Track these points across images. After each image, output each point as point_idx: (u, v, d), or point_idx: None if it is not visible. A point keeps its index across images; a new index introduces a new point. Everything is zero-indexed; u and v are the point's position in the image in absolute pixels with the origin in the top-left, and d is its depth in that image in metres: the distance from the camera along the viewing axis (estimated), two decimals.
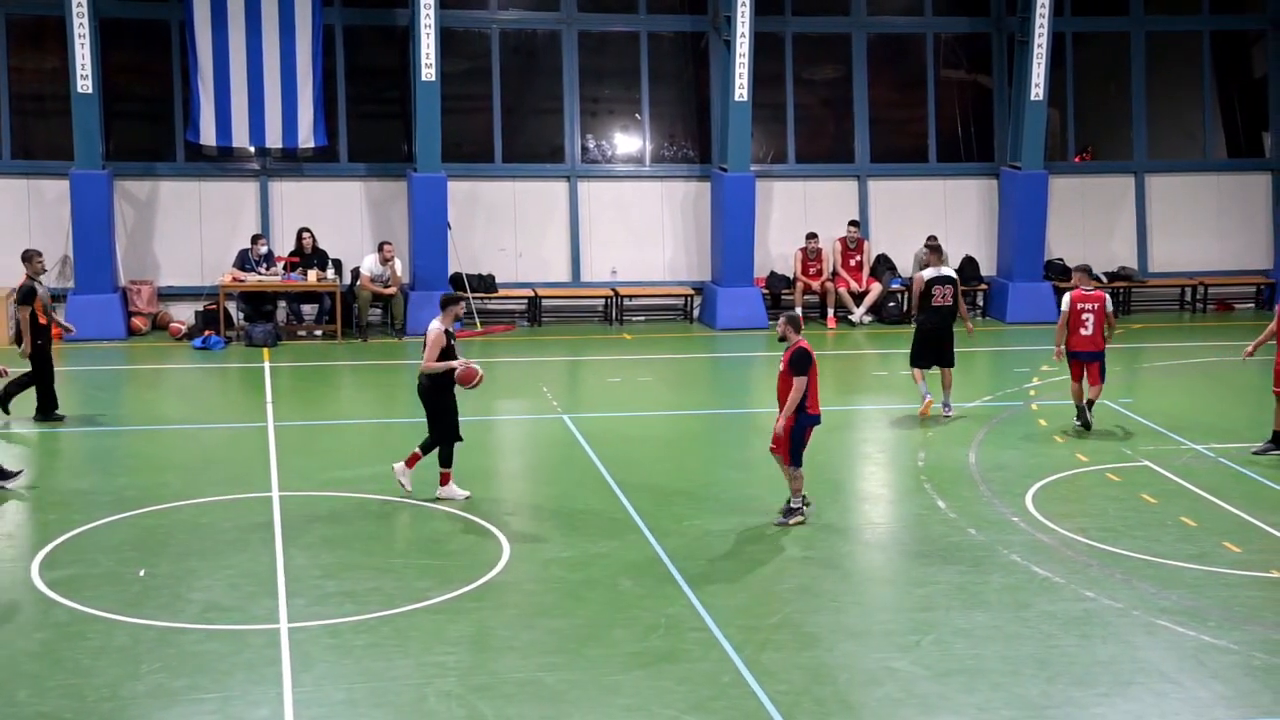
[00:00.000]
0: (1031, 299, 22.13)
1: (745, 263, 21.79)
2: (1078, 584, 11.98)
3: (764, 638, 10.91)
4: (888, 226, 22.46)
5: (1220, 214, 23.48)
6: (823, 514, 13.77)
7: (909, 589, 12.09)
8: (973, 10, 23.70)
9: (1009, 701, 9.97)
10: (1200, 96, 23.98)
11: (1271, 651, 10.66)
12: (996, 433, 16.19)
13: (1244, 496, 14.06)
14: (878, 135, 23.22)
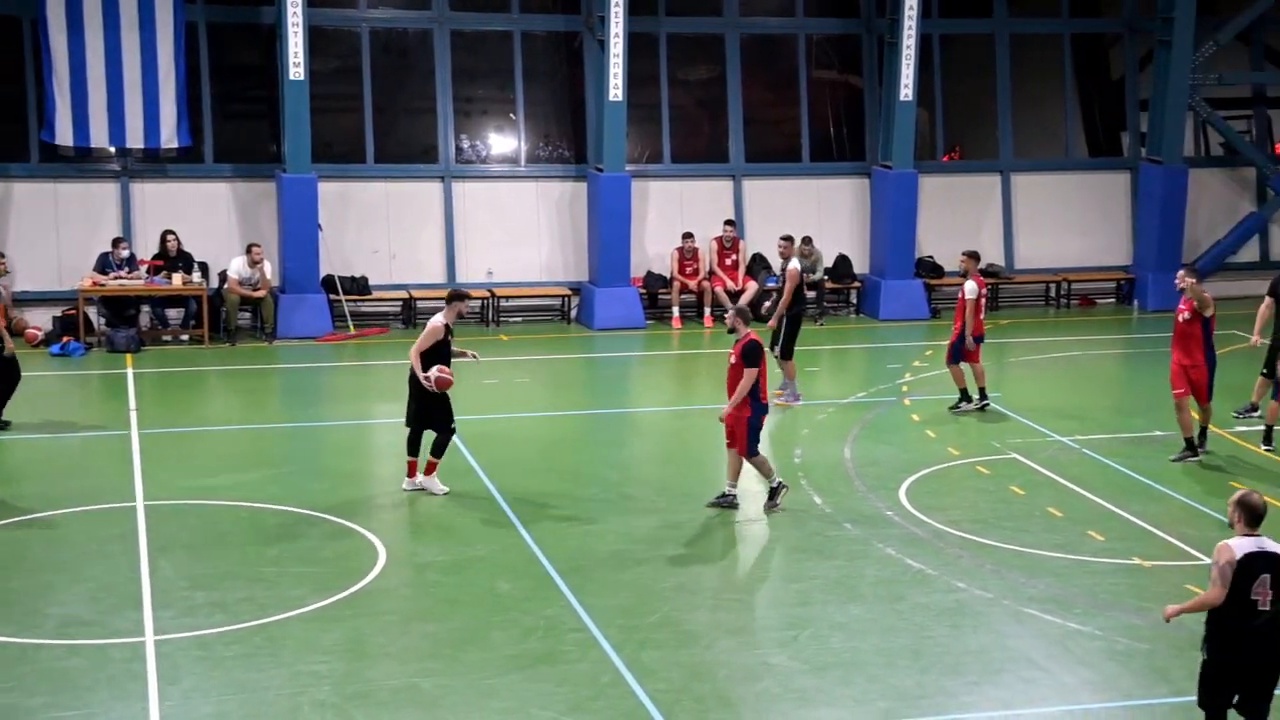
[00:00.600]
0: (903, 296, 22.47)
1: (622, 263, 21.82)
2: (950, 575, 12.18)
3: (643, 636, 10.93)
4: (763, 226, 22.63)
5: (1082, 211, 24.04)
6: (700, 512, 13.82)
7: (786, 584, 12.19)
8: (843, 12, 23.99)
9: (884, 693, 10.10)
10: (1062, 97, 24.54)
11: (1134, 636, 10.94)
12: (871, 428, 16.41)
13: (1107, 486, 14.41)
14: (752, 135, 23.40)
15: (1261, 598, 8.27)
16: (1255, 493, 8.57)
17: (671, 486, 14.59)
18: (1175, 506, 13.87)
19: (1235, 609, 8.30)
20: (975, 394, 17.04)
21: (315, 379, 19.14)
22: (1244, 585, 8.27)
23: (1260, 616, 8.28)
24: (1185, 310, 14.75)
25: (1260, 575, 8.26)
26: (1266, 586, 8.26)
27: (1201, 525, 13.31)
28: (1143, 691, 10.16)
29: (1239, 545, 8.36)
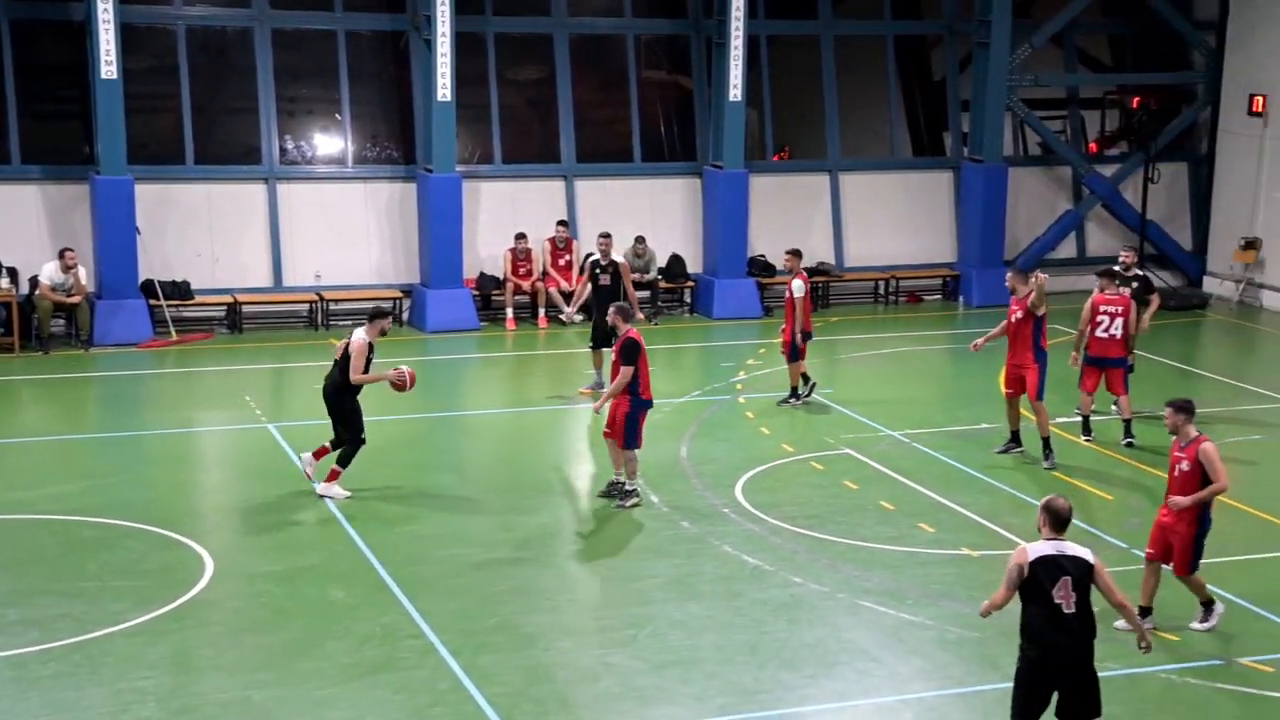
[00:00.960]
0: (736, 295, 22.62)
1: (454, 264, 21.56)
2: (786, 570, 12.28)
3: (481, 641, 10.81)
4: (596, 226, 22.53)
5: (908, 210, 24.50)
6: (535, 514, 13.72)
7: (625, 584, 12.16)
8: (672, 12, 24.07)
9: (723, 689, 10.13)
10: (886, 98, 24.98)
11: (964, 625, 11.16)
12: (707, 426, 16.47)
13: (937, 479, 14.68)
14: (583, 135, 23.34)
15: (1065, 600, 8.34)
16: (1061, 497, 8.69)
17: (508, 489, 14.46)
18: (1002, 498, 14.19)
19: (1042, 611, 8.39)
20: (803, 388, 17.29)
21: (135, 387, 18.52)
22: (1045, 588, 8.36)
23: (1066, 619, 8.34)
24: (1017, 310, 14.95)
25: (1061, 578, 8.34)
26: (1069, 589, 8.33)
27: (1027, 515, 13.60)
28: (974, 679, 10.36)
29: (1033, 549, 8.49)
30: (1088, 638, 8.45)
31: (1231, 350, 21.58)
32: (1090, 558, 8.48)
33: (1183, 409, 10.94)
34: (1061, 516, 8.56)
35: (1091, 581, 8.44)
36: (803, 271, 17.47)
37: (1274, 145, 23.00)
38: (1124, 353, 15.82)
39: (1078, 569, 8.39)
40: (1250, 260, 23.49)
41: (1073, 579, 8.38)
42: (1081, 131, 25.62)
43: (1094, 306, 15.70)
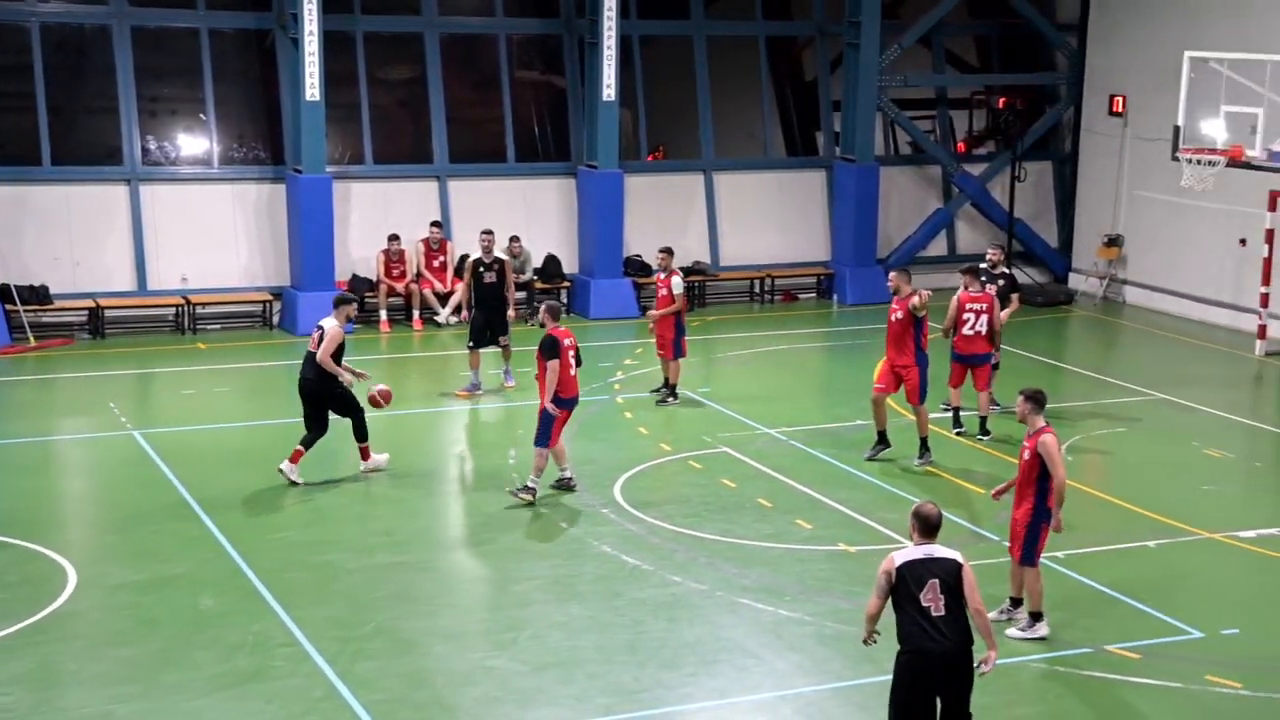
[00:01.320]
0: (613, 295, 22.57)
1: (326, 266, 21.22)
2: (665, 570, 12.26)
3: (357, 647, 10.62)
4: (470, 227, 22.37)
5: (782, 209, 24.67)
6: (413, 517, 13.54)
7: (504, 586, 12.05)
8: (544, 12, 23.96)
9: (604, 689, 10.08)
10: (759, 98, 25.14)
11: (842, 620, 11.23)
12: (585, 427, 16.38)
13: (813, 476, 14.77)
14: (456, 135, 23.12)
15: (933, 604, 8.30)
16: (930, 503, 8.70)
17: (384, 493, 14.26)
18: (877, 493, 14.32)
19: (912, 616, 8.37)
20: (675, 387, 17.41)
21: None
22: (913, 592, 8.32)
23: (935, 622, 8.29)
24: (898, 310, 14.97)
25: (929, 581, 8.31)
26: (937, 592, 8.28)
27: (903, 510, 13.66)
28: (851, 673, 10.42)
29: (900, 555, 8.48)
30: (961, 641, 8.35)
31: (1096, 345, 22.06)
32: (960, 559, 8.42)
33: (1031, 399, 10.96)
34: (930, 522, 8.51)
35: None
36: (676, 269, 17.52)
37: (1134, 145, 23.57)
38: (989, 349, 16.05)
39: (946, 571, 8.33)
40: (1113, 257, 24.04)
41: (941, 582, 8.31)
42: (950, 131, 26.02)
43: (960, 305, 15.90)
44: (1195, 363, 19.99)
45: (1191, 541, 13.10)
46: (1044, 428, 10.90)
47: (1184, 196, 20.93)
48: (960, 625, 8.36)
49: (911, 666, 8.37)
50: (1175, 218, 22.78)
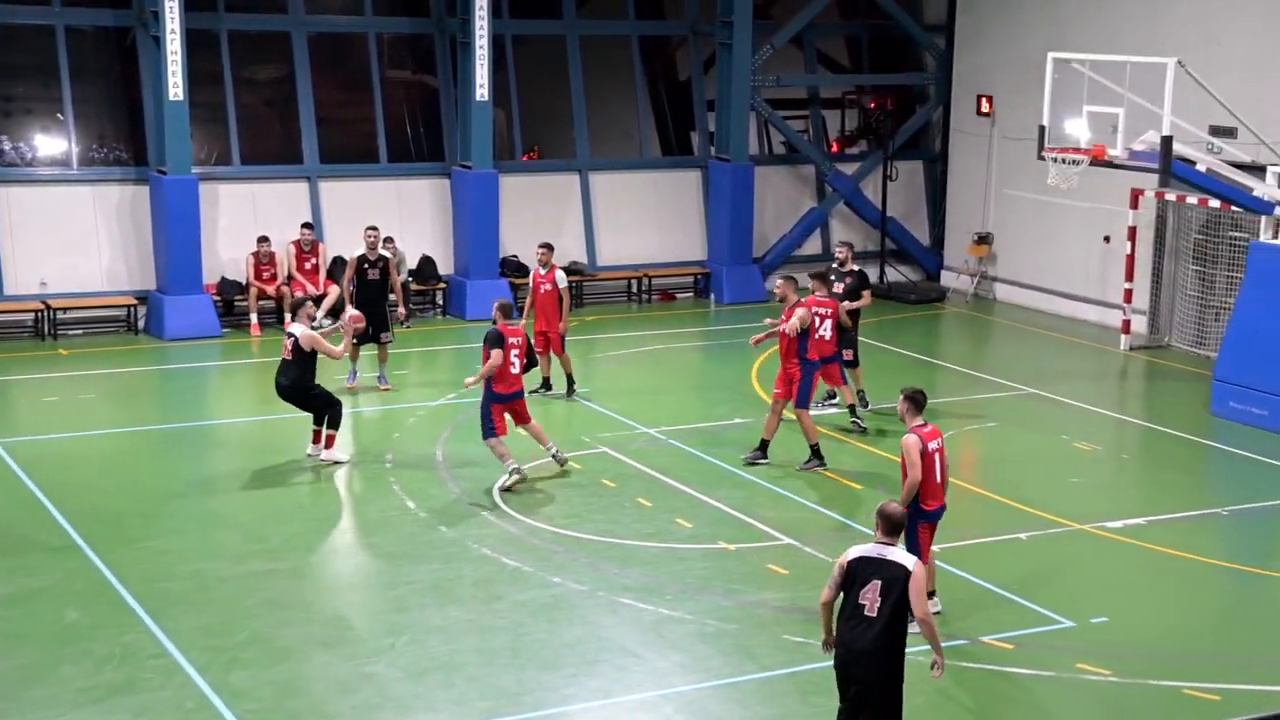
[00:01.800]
0: (488, 296, 22.28)
1: (193, 269, 20.77)
2: (546, 571, 12.18)
3: (231, 656, 10.40)
4: (342, 228, 22.07)
5: (658, 209, 24.69)
6: (288, 523, 13.30)
7: (382, 592, 11.89)
8: (414, 11, 23.72)
9: (485, 693, 9.98)
10: (634, 98, 25.15)
11: (722, 618, 11.26)
12: (463, 429, 16.24)
13: (693, 475, 14.79)
14: (327, 135, 22.78)
15: (868, 603, 8.27)
16: (893, 503, 8.73)
17: (258, 499, 13.99)
18: (756, 491, 14.38)
19: (847, 610, 8.38)
20: (569, 382, 17.60)
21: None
22: (856, 587, 8.32)
23: (864, 621, 8.27)
24: (786, 321, 14.87)
25: (871, 581, 8.28)
26: (876, 593, 8.25)
27: (782, 508, 13.85)
28: (731, 670, 10.45)
29: (856, 549, 8.49)
30: (888, 645, 8.29)
31: (968, 341, 22.42)
32: (910, 566, 8.36)
33: (909, 399, 11.07)
34: (892, 521, 8.50)
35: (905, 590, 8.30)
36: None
37: (1002, 144, 24.01)
38: (836, 349, 16.04)
39: (892, 575, 8.27)
40: (983, 254, 24.46)
41: (883, 583, 8.26)
42: (823, 131, 26.27)
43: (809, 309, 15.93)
44: (1064, 358, 20.41)
45: (1062, 533, 13.36)
46: (912, 428, 10.98)
47: (1051, 195, 21.36)
48: (890, 630, 8.28)
49: (838, 660, 8.46)
50: (1043, 216, 23.25)
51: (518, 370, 14.37)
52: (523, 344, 14.43)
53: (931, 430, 11.03)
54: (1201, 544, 13.19)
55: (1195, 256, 20.38)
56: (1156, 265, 21.04)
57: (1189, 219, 20.53)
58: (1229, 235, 19.73)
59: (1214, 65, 19.17)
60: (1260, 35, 19.79)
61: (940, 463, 10.95)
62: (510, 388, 14.30)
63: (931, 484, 10.91)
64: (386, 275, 17.95)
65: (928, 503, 10.94)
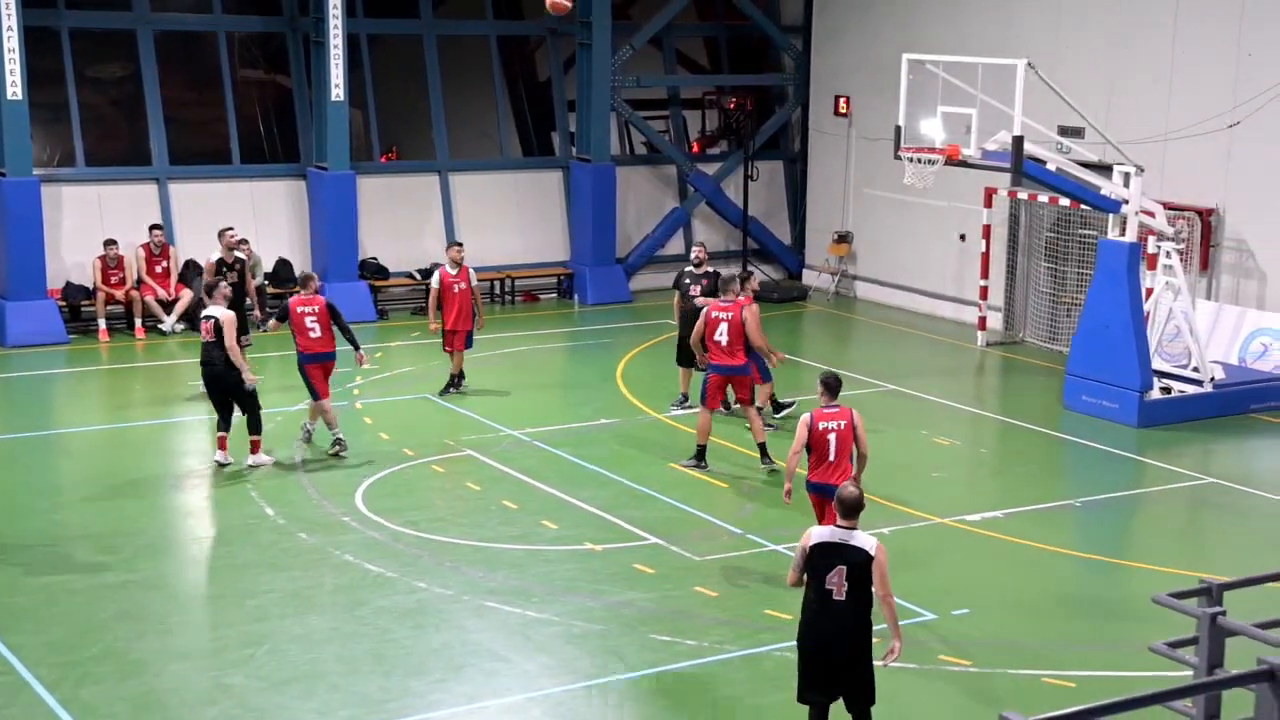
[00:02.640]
0: (349, 299, 21.93)
1: (36, 274, 20.10)
2: (410, 576, 12.00)
3: (83, 671, 10.07)
4: (194, 230, 21.56)
5: (520, 210, 24.55)
6: (140, 534, 12.91)
7: (240, 601, 11.59)
8: (265, 9, 23.27)
9: (347, 701, 9.79)
10: (493, 98, 24.97)
11: (589, 619, 11.19)
12: (322, 432, 15.93)
13: (558, 476, 14.70)
14: (176, 136, 22.24)
15: (836, 588, 8.38)
16: (852, 485, 8.77)
17: (110, 509, 13.56)
18: (621, 490, 14.33)
19: (814, 596, 8.46)
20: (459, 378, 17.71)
21: None
22: (820, 573, 8.42)
23: (833, 606, 8.39)
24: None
25: (836, 565, 8.39)
26: (842, 578, 8.37)
27: (648, 508, 13.83)
28: (599, 671, 10.39)
29: (816, 534, 8.55)
30: (858, 628, 8.44)
31: (830, 339, 22.65)
32: (872, 550, 8.45)
33: (821, 382, 11.56)
34: (848, 504, 8.56)
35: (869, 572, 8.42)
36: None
37: (860, 144, 24.33)
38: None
39: (856, 558, 8.39)
40: (844, 253, 24.75)
41: (848, 568, 8.38)
42: (684, 131, 26.37)
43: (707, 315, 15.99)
44: (922, 354, 20.72)
45: (923, 527, 13.53)
46: (820, 408, 11.45)
47: (908, 194, 21.71)
48: (858, 613, 8.46)
49: (810, 648, 8.53)
50: (900, 215, 23.60)
51: (319, 334, 15.02)
52: (320, 311, 15.10)
53: (836, 412, 11.42)
54: (1057, 535, 13.47)
55: (1047, 254, 20.85)
56: (1011, 263, 21.49)
57: (1041, 217, 21.00)
58: (1079, 233, 20.22)
59: (1062, 66, 19.65)
60: (1106, 37, 20.32)
61: (835, 443, 11.35)
62: (312, 349, 15.04)
63: (815, 459, 11.40)
64: (244, 278, 17.58)
65: (811, 474, 11.49)
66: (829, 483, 11.16)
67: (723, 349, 14.66)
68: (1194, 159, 19.11)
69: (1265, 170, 18.46)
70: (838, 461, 11.37)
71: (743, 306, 14.84)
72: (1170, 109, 19.42)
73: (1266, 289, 18.62)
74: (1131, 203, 16.87)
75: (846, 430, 11.36)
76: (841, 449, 11.36)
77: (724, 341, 14.66)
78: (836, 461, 11.37)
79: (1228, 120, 18.69)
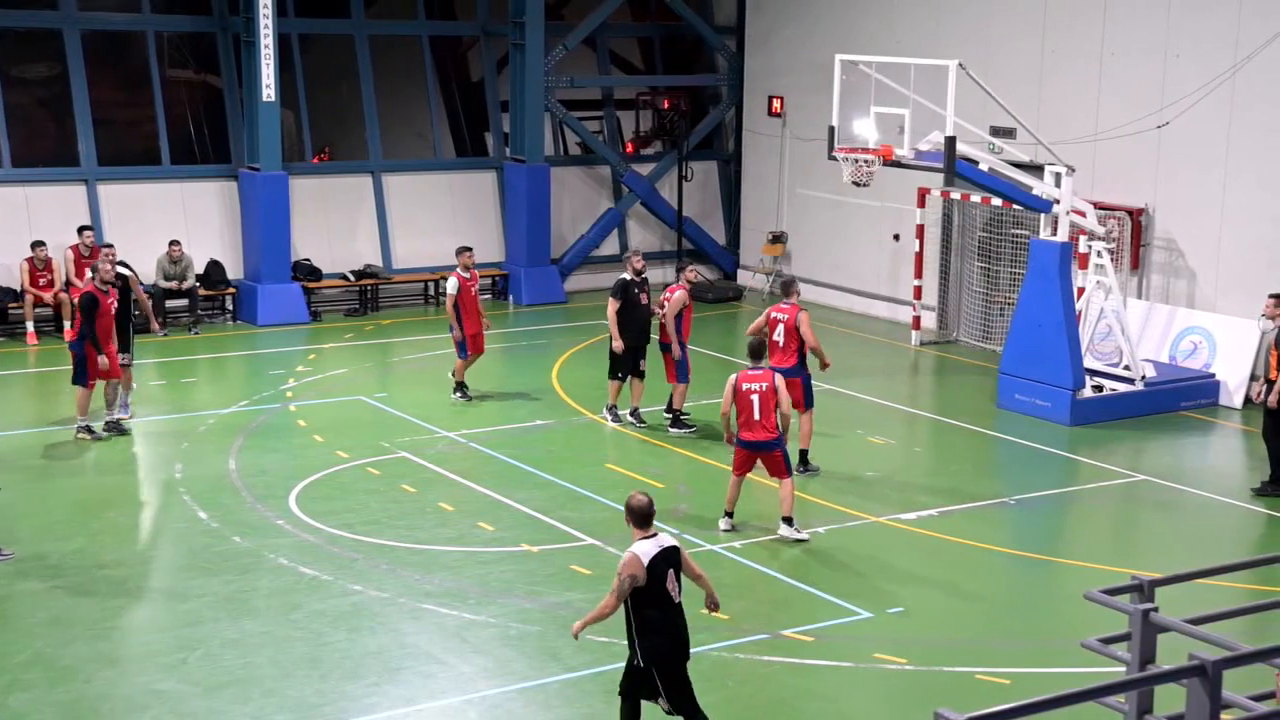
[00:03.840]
0: (281, 301, 21.86)
1: None
2: (345, 579, 11.91)
3: (10, 679, 9.92)
4: (125, 231, 21.28)
5: (453, 211, 24.44)
6: (70, 539, 12.72)
7: (172, 606, 11.46)
8: (194, 9, 23.01)
9: (282, 706, 9.69)
10: (426, 98, 24.85)
11: (525, 620, 11.16)
12: (256, 437, 15.81)
13: (494, 477, 14.65)
14: (105, 137, 21.94)
15: (673, 590, 8.68)
16: (640, 494, 8.88)
17: (37, 514, 13.34)
18: (557, 491, 14.30)
19: (655, 603, 8.63)
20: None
21: None
22: (662, 585, 8.64)
23: (677, 607, 8.72)
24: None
25: (668, 571, 8.66)
26: (674, 580, 8.68)
27: (583, 508, 13.81)
28: (536, 672, 10.36)
29: (644, 553, 8.61)
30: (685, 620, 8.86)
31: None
32: (676, 543, 8.84)
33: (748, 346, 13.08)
34: (642, 512, 8.73)
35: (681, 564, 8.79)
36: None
37: (794, 144, 24.43)
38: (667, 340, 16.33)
39: (675, 558, 8.73)
40: (778, 253, 24.84)
41: (674, 570, 8.72)
42: (618, 132, 26.36)
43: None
44: (857, 354, 20.81)
45: (858, 526, 13.60)
46: (745, 370, 12.81)
47: (842, 194, 21.83)
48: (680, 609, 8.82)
49: (673, 650, 8.70)
50: (834, 215, 23.72)
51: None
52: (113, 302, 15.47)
53: (758, 374, 12.69)
54: (991, 533, 13.58)
55: (980, 253, 21.03)
56: (944, 262, 21.66)
57: (973, 217, 21.18)
58: (1011, 232, 20.41)
59: (994, 68, 19.84)
60: (1036, 39, 20.53)
61: (759, 402, 12.59)
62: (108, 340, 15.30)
63: (742, 418, 12.68)
64: (128, 295, 16.35)
65: (741, 433, 12.74)
66: (756, 439, 12.66)
67: (779, 349, 14.81)
68: (1124, 159, 19.36)
69: (1194, 170, 18.73)
70: (764, 417, 12.59)
71: (799, 310, 15.03)
72: (1100, 110, 19.66)
73: (1196, 287, 18.89)
74: (1063, 202, 17.05)
75: (769, 391, 12.56)
76: (767, 406, 12.57)
77: (780, 342, 14.88)
78: (763, 417, 12.59)
79: (1156, 121, 18.94)
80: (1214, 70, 18.32)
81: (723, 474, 14.86)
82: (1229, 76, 18.20)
